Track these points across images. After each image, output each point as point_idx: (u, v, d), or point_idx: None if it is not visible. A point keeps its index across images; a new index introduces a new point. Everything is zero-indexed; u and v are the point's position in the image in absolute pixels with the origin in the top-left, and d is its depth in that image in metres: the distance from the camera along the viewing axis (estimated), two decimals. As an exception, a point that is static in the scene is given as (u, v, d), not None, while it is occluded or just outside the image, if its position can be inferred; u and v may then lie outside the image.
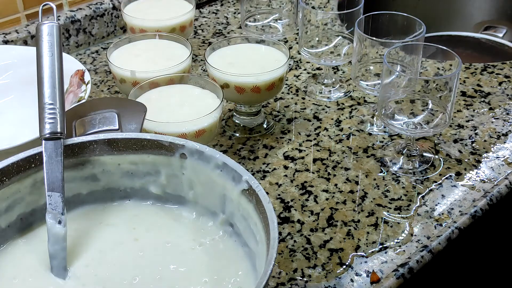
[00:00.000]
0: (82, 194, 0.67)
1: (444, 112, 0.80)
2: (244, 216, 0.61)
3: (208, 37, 1.15)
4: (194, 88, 0.83)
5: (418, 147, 0.86)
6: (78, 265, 0.61)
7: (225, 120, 0.94)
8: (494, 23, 1.46)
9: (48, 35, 0.65)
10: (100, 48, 1.12)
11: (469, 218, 0.76)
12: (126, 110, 0.69)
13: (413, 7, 1.44)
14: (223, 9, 1.25)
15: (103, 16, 1.12)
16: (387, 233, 0.75)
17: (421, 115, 0.82)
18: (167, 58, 0.89)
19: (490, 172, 0.84)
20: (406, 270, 0.69)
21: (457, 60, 0.78)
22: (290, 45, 1.12)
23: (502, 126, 0.92)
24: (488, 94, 0.99)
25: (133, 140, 0.65)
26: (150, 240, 0.64)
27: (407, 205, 0.79)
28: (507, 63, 1.06)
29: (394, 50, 0.82)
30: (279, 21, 1.05)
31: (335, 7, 1.23)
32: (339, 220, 0.76)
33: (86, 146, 0.64)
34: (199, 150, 0.63)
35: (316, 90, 1.00)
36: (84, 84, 0.85)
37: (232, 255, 0.63)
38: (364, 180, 0.82)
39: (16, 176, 0.62)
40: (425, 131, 0.82)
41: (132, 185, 0.68)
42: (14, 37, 1.03)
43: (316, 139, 0.90)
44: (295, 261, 0.71)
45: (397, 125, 0.81)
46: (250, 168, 0.84)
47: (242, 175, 0.60)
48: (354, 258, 0.71)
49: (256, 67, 0.87)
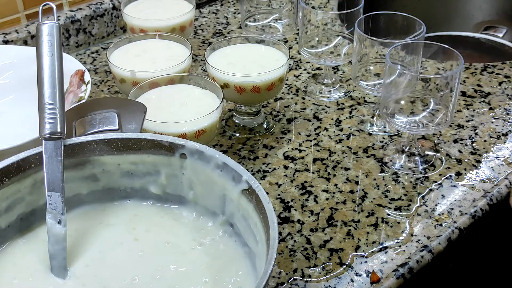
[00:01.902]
0: (82, 194, 0.67)
1: (445, 111, 0.80)
2: (244, 216, 0.61)
3: (208, 37, 1.15)
4: (194, 88, 0.83)
5: (420, 145, 0.86)
6: (78, 265, 0.61)
7: (225, 120, 0.94)
8: (494, 23, 1.46)
9: (48, 35, 0.65)
10: (100, 48, 1.12)
11: (469, 218, 0.76)
12: (126, 110, 0.69)
13: (413, 7, 1.44)
14: (223, 9, 1.25)
15: (103, 16, 1.12)
16: (387, 233, 0.75)
17: (422, 114, 0.82)
18: (167, 58, 0.89)
19: (490, 172, 0.84)
20: (406, 270, 0.69)
21: (459, 58, 0.78)
22: (290, 45, 1.12)
23: (502, 126, 0.92)
24: (488, 94, 0.99)
25: (133, 140, 0.65)
26: (150, 240, 0.64)
27: (407, 205, 0.79)
28: (507, 63, 1.06)
29: (394, 50, 0.82)
30: (279, 21, 1.05)
31: (335, 7, 1.23)
32: (339, 220, 0.76)
33: (86, 146, 0.64)
34: (199, 150, 0.63)
35: (316, 90, 1.00)
36: (84, 84, 0.85)
37: (232, 255, 0.63)
38: (364, 180, 0.82)
39: (16, 176, 0.62)
40: (427, 129, 0.82)
41: (132, 185, 0.68)
42: (14, 37, 1.03)
43: (316, 139, 0.90)
44: (295, 261, 0.71)
45: (399, 123, 0.81)
46: (250, 168, 0.84)
47: (242, 175, 0.60)
48: (354, 258, 0.71)
49: (256, 67, 0.87)
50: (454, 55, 0.79)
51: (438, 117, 0.81)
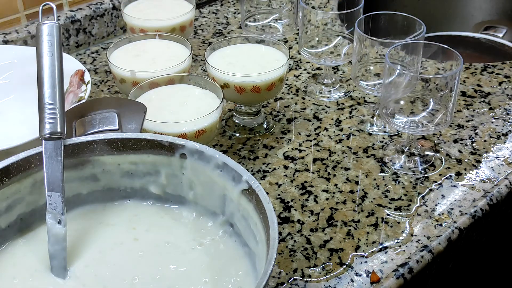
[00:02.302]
0: (82, 194, 0.67)
1: (445, 111, 0.80)
2: (244, 216, 0.61)
3: (208, 37, 1.15)
4: (194, 88, 0.83)
5: (420, 145, 0.86)
6: (78, 265, 0.61)
7: (225, 120, 0.94)
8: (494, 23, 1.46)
9: (48, 35, 0.65)
10: (100, 48, 1.12)
11: (469, 218, 0.76)
12: (126, 110, 0.69)
13: (413, 7, 1.44)
14: (223, 9, 1.25)
15: (103, 16, 1.12)
16: (387, 233, 0.75)
17: (422, 114, 0.82)
18: (167, 58, 0.89)
19: (490, 172, 0.84)
20: (406, 270, 0.69)
21: (459, 59, 0.78)
22: (290, 45, 1.12)
23: (502, 126, 0.92)
24: (488, 94, 0.99)
25: (133, 140, 0.65)
26: (150, 240, 0.64)
27: (407, 205, 0.79)
28: (507, 63, 1.06)
29: (394, 50, 0.82)
30: (279, 21, 1.05)
31: (335, 7, 1.23)
32: (339, 220, 0.76)
33: (86, 146, 0.64)
34: (199, 150, 0.63)
35: (316, 90, 1.00)
36: (84, 84, 0.85)
37: (232, 255, 0.63)
38: (364, 180, 0.82)
39: (16, 176, 0.62)
40: (426, 129, 0.82)
41: (132, 185, 0.68)
42: (14, 37, 1.03)
43: (316, 139, 0.90)
44: (295, 261, 0.71)
45: (399, 123, 0.81)
46: (250, 168, 0.84)
47: (242, 175, 0.60)
48: (354, 258, 0.71)
49: (256, 67, 0.87)
50: (454, 55, 0.79)
51: (438, 117, 0.81)
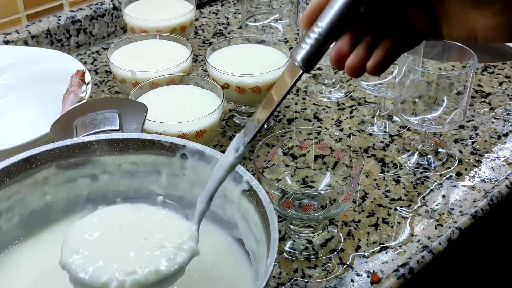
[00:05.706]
0: (82, 194, 0.67)
1: (459, 108, 0.81)
2: (244, 216, 0.61)
3: (208, 37, 1.15)
4: (195, 88, 0.83)
5: (433, 142, 0.87)
6: None
7: (226, 120, 0.94)
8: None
9: None
10: (101, 48, 1.12)
11: (470, 219, 0.76)
12: (127, 110, 0.69)
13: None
14: (224, 9, 1.25)
15: (104, 17, 1.12)
16: (387, 233, 0.75)
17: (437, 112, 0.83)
18: (168, 59, 0.89)
19: (491, 172, 0.84)
20: (406, 271, 0.69)
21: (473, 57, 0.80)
22: (290, 45, 1.12)
23: (503, 126, 0.92)
24: (488, 94, 0.99)
25: (134, 141, 0.65)
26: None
27: (408, 205, 0.79)
28: (507, 63, 1.06)
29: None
30: (279, 21, 1.05)
31: (335, 7, 1.23)
32: (340, 220, 0.76)
33: (87, 146, 0.64)
34: (200, 151, 0.63)
35: (316, 90, 1.00)
36: (85, 84, 0.85)
37: (232, 255, 0.63)
38: (365, 180, 0.82)
39: (17, 176, 0.62)
40: (441, 127, 0.82)
41: (133, 185, 0.68)
42: (14, 37, 1.03)
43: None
44: (295, 261, 0.71)
45: (413, 121, 0.82)
46: (250, 169, 0.84)
47: (242, 176, 0.60)
48: (355, 258, 0.71)
49: (256, 67, 0.87)
50: (468, 53, 0.80)
51: (451, 115, 0.82)
